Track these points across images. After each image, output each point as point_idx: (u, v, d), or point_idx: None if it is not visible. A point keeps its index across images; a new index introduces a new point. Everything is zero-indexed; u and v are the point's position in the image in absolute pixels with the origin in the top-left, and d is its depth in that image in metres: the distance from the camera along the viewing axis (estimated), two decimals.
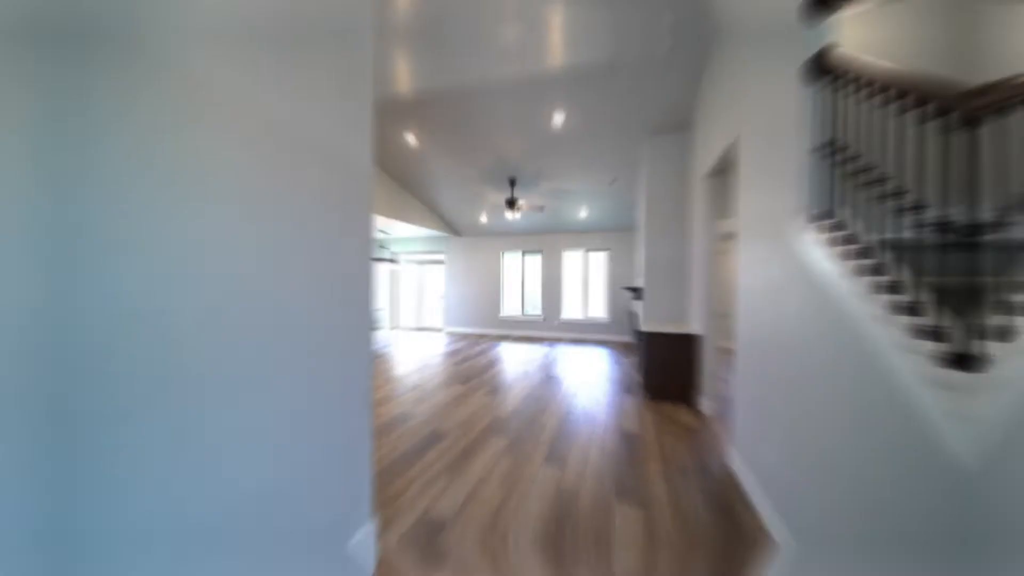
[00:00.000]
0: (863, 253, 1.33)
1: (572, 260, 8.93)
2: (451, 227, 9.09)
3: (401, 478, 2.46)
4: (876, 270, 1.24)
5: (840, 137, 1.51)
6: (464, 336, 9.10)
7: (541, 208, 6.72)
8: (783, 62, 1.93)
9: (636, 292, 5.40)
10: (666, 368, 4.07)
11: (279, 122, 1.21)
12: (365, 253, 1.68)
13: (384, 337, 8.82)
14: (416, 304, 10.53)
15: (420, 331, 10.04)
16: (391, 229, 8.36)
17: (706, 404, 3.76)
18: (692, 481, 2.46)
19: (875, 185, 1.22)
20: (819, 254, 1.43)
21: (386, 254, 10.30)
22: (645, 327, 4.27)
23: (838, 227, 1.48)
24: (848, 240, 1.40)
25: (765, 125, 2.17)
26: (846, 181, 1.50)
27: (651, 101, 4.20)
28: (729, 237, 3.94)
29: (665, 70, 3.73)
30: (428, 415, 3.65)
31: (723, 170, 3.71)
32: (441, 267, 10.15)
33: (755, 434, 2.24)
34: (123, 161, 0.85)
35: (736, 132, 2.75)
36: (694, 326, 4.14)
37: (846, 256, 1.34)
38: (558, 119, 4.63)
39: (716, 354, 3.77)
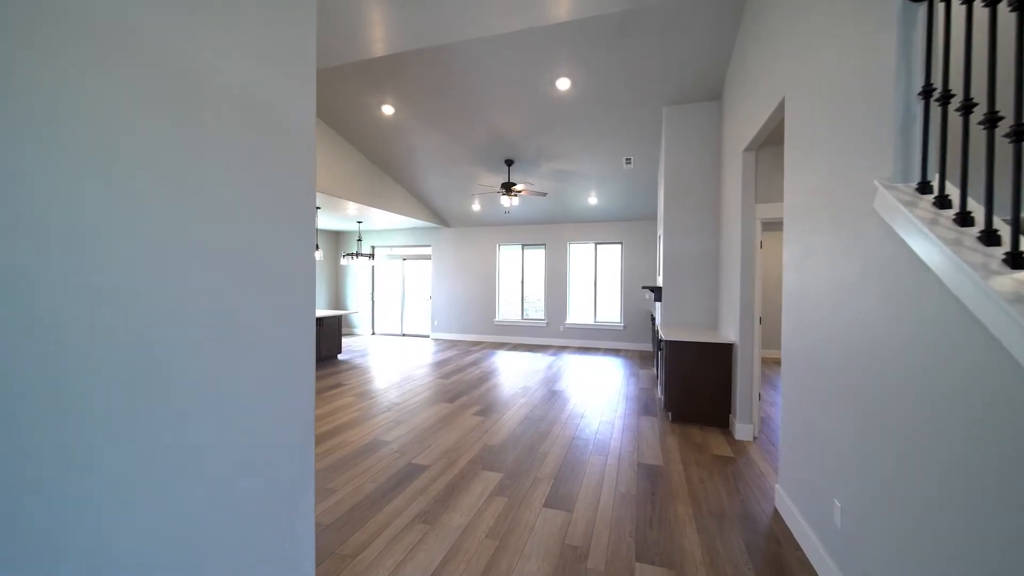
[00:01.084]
0: (990, 238, 1.07)
1: (580, 254, 8.67)
2: (439, 216, 8.83)
3: (364, 528, 2.20)
4: (1018, 261, 0.98)
5: (941, 84, 1.25)
6: (454, 343, 8.85)
7: (543, 194, 6.46)
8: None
9: (657, 292, 5.14)
10: (693, 384, 3.81)
11: (159, 44, 0.95)
12: (306, 240, 1.42)
13: (360, 345, 8.56)
14: (399, 306, 10.27)
15: (403, 337, 9.79)
16: (368, 218, 8.10)
17: (742, 428, 3.51)
18: (731, 531, 2.20)
19: (1009, 142, 0.96)
20: (923, 241, 1.17)
21: (362, 248, 10.05)
22: (667, 335, 4.02)
23: (945, 203, 1.22)
24: (963, 220, 1.14)
25: (825, 79, 1.91)
26: (954, 140, 1.24)
27: (674, 63, 3.94)
28: (774, 225, 3.69)
29: (691, 24, 3.47)
30: (405, 442, 3.39)
31: (767, 142, 3.46)
32: (427, 263, 9.89)
33: (809, 470, 1.98)
34: None
35: (781, 93, 2.49)
36: (727, 333, 3.89)
37: (963, 242, 1.08)
38: (562, 85, 4.36)
39: (754, 367, 3.51)
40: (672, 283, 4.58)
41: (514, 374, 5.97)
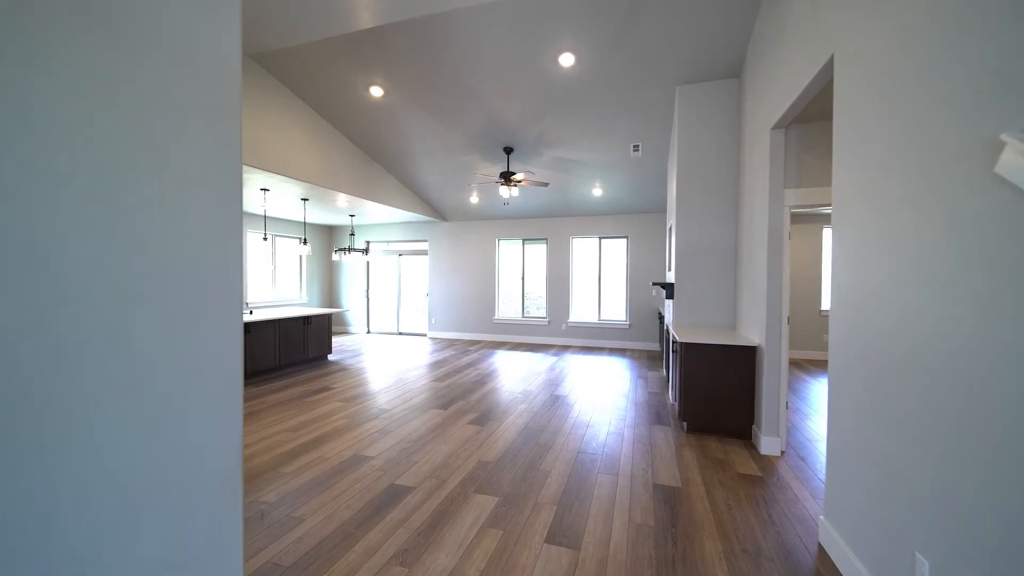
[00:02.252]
0: None
1: (583, 249, 8.29)
2: (435, 209, 8.45)
3: (330, 572, 1.84)
4: None
5: None
6: (452, 342, 8.49)
7: (544, 184, 6.07)
8: None
9: (668, 289, 4.76)
10: (711, 391, 3.44)
11: None
12: (231, 220, 1.04)
13: (354, 344, 8.21)
14: (394, 303, 9.90)
15: (400, 336, 9.43)
16: (361, 212, 7.72)
17: (768, 442, 3.13)
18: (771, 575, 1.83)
19: None
20: None
21: (355, 243, 9.68)
22: (681, 336, 3.64)
23: None
24: None
25: (900, 21, 1.53)
26: None
27: (690, 36, 3.54)
28: (801, 217, 3.30)
29: None
30: (390, 457, 3.03)
31: (798, 120, 3.07)
32: (424, 258, 9.52)
33: (871, 508, 1.61)
34: None
35: (828, 51, 2.11)
36: (748, 333, 3.51)
37: None
38: (566, 62, 3.97)
39: (782, 373, 3.14)
40: (685, 278, 4.20)
41: (514, 376, 5.60)
